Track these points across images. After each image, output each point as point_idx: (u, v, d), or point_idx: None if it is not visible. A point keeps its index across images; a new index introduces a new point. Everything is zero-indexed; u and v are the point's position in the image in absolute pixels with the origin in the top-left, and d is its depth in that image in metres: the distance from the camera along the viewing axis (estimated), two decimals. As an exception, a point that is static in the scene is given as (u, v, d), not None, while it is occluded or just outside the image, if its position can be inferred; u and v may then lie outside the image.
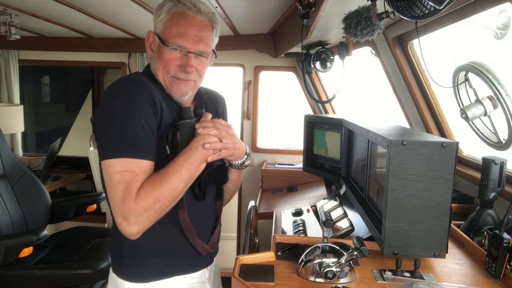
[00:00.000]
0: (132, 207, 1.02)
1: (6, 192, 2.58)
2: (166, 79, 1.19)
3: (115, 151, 1.05)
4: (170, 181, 1.06)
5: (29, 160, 3.60)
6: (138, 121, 1.07)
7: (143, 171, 1.06)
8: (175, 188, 1.06)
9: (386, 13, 1.29)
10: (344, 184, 1.89)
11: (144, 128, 1.08)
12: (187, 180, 1.10)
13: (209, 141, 1.14)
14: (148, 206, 1.03)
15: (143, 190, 1.03)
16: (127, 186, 1.03)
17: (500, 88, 1.30)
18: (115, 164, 1.05)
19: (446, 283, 1.14)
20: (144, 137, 1.08)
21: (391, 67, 2.04)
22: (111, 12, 2.47)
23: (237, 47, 3.24)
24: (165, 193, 1.05)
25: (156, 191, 1.04)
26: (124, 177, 1.03)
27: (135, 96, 1.10)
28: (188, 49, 1.16)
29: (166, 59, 1.16)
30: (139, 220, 1.03)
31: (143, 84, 1.13)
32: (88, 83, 4.87)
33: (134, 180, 1.04)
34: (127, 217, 1.02)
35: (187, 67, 1.16)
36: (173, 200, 1.08)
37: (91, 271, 2.24)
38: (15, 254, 2.25)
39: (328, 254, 1.16)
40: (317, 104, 3.35)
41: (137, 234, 1.06)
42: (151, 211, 1.04)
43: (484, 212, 1.42)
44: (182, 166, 1.08)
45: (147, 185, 1.04)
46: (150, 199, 1.03)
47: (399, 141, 1.12)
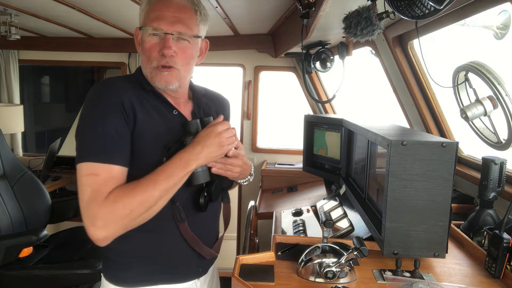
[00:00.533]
0: (98, 211, 0.99)
1: (6, 192, 2.58)
2: (151, 70, 1.13)
3: (83, 155, 1.04)
4: (144, 188, 1.02)
5: (29, 160, 3.60)
6: (105, 126, 1.04)
7: (111, 176, 1.03)
8: (149, 196, 1.02)
9: (386, 13, 1.29)
10: (344, 184, 1.89)
11: (111, 133, 1.04)
12: (164, 190, 1.04)
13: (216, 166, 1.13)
14: (116, 211, 0.99)
15: (113, 195, 1.00)
16: (94, 190, 1.00)
17: (500, 88, 1.30)
18: (83, 167, 1.03)
19: (446, 283, 1.14)
20: (110, 142, 1.04)
21: (391, 67, 2.04)
22: (111, 12, 2.46)
23: (237, 47, 3.24)
24: (137, 199, 1.01)
25: (127, 197, 1.00)
26: (90, 180, 1.01)
27: (103, 101, 1.07)
28: (165, 30, 1.10)
29: (146, 48, 1.12)
30: (107, 225, 0.99)
31: (115, 87, 1.10)
32: (88, 83, 4.87)
33: (101, 184, 1.01)
34: (93, 221, 0.99)
35: (164, 49, 1.10)
36: (147, 209, 1.03)
37: (91, 271, 2.24)
38: (15, 254, 2.25)
39: (328, 254, 1.16)
40: (317, 104, 3.35)
41: (104, 240, 1.01)
42: (120, 217, 1.00)
43: (484, 212, 1.42)
44: (160, 176, 1.04)
45: (118, 190, 1.02)
46: (119, 204, 0.99)
47: (399, 141, 1.12)
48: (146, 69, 1.15)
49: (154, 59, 1.12)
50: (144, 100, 1.14)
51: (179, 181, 1.07)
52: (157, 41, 1.11)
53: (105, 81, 1.15)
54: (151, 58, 1.12)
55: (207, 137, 1.09)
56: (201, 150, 1.08)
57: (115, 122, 1.06)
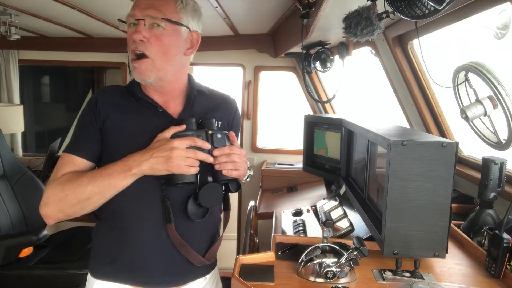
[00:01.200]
0: (48, 188, 1.12)
1: (6, 192, 2.58)
2: (132, 64, 1.11)
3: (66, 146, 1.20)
4: (80, 178, 1.09)
5: (29, 160, 3.60)
6: (79, 126, 1.19)
7: (70, 162, 1.15)
8: (81, 188, 1.07)
9: (386, 13, 1.28)
10: (344, 184, 1.89)
11: (82, 131, 1.18)
12: (97, 187, 1.06)
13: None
14: (55, 191, 1.10)
15: (62, 178, 1.12)
16: (55, 172, 1.14)
17: (500, 88, 1.30)
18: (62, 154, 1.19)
19: (446, 283, 1.14)
20: (79, 138, 1.18)
21: (391, 67, 2.04)
22: (111, 12, 2.46)
23: (237, 47, 3.24)
24: (72, 187, 1.08)
25: (68, 182, 1.09)
26: (58, 163, 1.16)
27: (86, 105, 1.21)
28: (137, 17, 1.07)
29: (127, 40, 1.12)
30: (48, 203, 1.11)
31: (97, 94, 1.22)
32: (88, 83, 4.87)
33: (60, 167, 1.14)
34: (43, 197, 1.13)
35: (134, 34, 1.06)
36: (78, 201, 1.08)
37: (91, 271, 2.23)
38: (15, 254, 2.25)
39: (328, 254, 1.16)
40: (317, 104, 3.35)
41: (46, 217, 1.13)
42: (57, 198, 1.09)
43: (484, 212, 1.42)
44: (100, 172, 1.08)
45: (68, 175, 1.12)
46: (60, 186, 1.10)
47: (399, 141, 1.12)
48: (131, 64, 1.13)
49: (130, 50, 1.10)
50: (124, 103, 1.19)
51: (117, 182, 1.06)
52: (133, 30, 1.09)
53: (100, 90, 1.27)
54: (129, 50, 1.11)
55: (159, 147, 1.04)
56: (148, 158, 1.03)
57: (87, 122, 1.17)
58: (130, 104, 1.19)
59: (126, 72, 3.59)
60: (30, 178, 2.69)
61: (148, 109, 1.18)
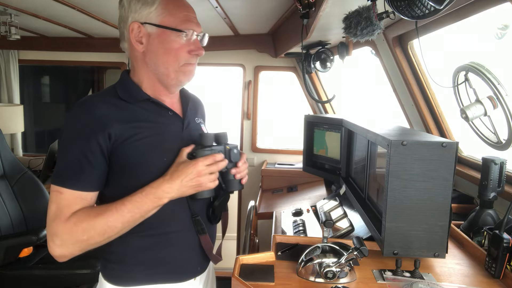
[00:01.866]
0: (58, 230, 1.01)
1: (6, 192, 2.58)
2: (176, 69, 1.12)
3: (54, 177, 1.05)
4: (106, 218, 1.02)
5: (29, 160, 3.60)
6: (72, 152, 1.04)
7: (75, 197, 1.03)
8: (109, 227, 1.02)
9: (386, 13, 1.28)
10: (344, 184, 1.89)
11: (79, 158, 1.03)
12: (127, 222, 1.04)
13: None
14: (74, 234, 1.01)
15: (75, 217, 1.01)
16: (58, 208, 1.02)
17: (500, 88, 1.30)
18: (52, 186, 1.05)
19: (446, 283, 1.14)
20: (76, 170, 1.04)
21: (391, 67, 2.04)
22: (111, 12, 2.46)
23: (237, 47, 3.24)
24: (97, 228, 1.01)
25: (88, 223, 1.01)
26: (56, 197, 1.03)
27: (76, 125, 1.06)
28: (197, 32, 1.13)
29: (175, 48, 1.10)
30: (63, 245, 1.02)
31: (92, 108, 1.07)
32: (88, 83, 4.87)
33: (65, 205, 1.02)
34: (52, 238, 1.02)
35: (201, 50, 1.14)
36: (105, 239, 1.04)
37: (91, 271, 2.24)
38: (15, 254, 2.25)
39: (328, 254, 1.16)
40: (317, 104, 3.36)
41: (62, 257, 1.04)
42: (77, 240, 1.02)
43: (484, 212, 1.42)
44: (127, 206, 1.03)
45: (82, 214, 1.02)
46: (79, 228, 1.01)
47: (399, 141, 1.12)
48: (169, 67, 1.12)
49: (182, 59, 1.12)
50: (129, 113, 1.10)
51: (148, 214, 1.06)
52: (185, 42, 1.11)
53: (81, 103, 1.09)
54: (179, 58, 1.12)
55: (188, 174, 1.05)
56: (178, 187, 1.05)
57: (84, 146, 1.04)
58: (136, 113, 1.11)
59: (126, 72, 3.59)
60: (30, 178, 2.69)
61: (156, 113, 1.15)
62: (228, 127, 3.95)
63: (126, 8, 1.11)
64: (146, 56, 1.12)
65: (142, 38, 1.11)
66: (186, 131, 1.19)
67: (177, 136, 1.16)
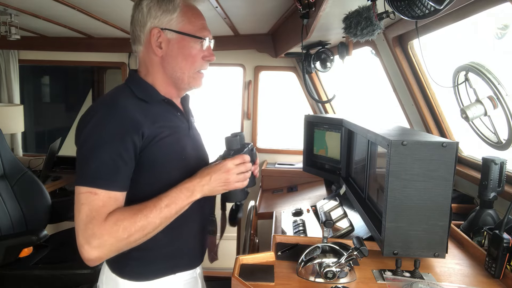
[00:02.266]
0: (97, 231, 0.99)
1: (6, 192, 2.58)
2: (191, 74, 1.20)
3: (82, 178, 1.03)
4: (146, 214, 1.04)
5: (29, 160, 3.60)
6: (110, 150, 1.03)
7: (109, 197, 1.03)
8: (149, 223, 1.04)
9: (386, 13, 1.28)
10: (344, 184, 1.89)
11: (113, 158, 1.03)
12: (165, 218, 1.07)
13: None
14: (114, 234, 1.00)
15: (114, 217, 1.01)
16: (92, 210, 1.00)
17: (500, 88, 1.30)
18: (80, 188, 1.02)
19: (446, 283, 1.14)
20: (110, 170, 1.03)
21: (391, 67, 2.04)
22: (111, 12, 2.46)
23: (237, 47, 3.24)
24: (138, 225, 1.02)
25: (128, 221, 1.01)
26: (88, 199, 1.01)
27: (111, 122, 1.06)
28: (210, 39, 1.21)
29: (194, 54, 1.18)
30: (102, 246, 0.99)
31: (122, 108, 1.08)
32: (88, 83, 4.87)
33: (100, 205, 1.01)
34: (89, 240, 0.98)
35: (213, 56, 1.22)
36: (145, 235, 1.05)
37: (91, 271, 2.23)
38: (15, 254, 2.25)
39: (328, 254, 1.16)
40: (317, 104, 3.36)
41: (96, 260, 1.01)
42: (118, 239, 1.01)
43: (484, 212, 1.42)
44: (163, 203, 1.06)
45: (119, 213, 1.02)
46: (119, 227, 1.00)
47: (399, 141, 1.12)
48: (186, 72, 1.19)
49: (198, 65, 1.20)
50: (152, 113, 1.14)
51: (181, 209, 1.10)
52: (200, 48, 1.19)
53: (110, 104, 1.11)
54: (195, 64, 1.19)
55: (217, 171, 1.12)
56: (208, 182, 1.11)
57: (120, 146, 1.04)
58: (156, 112, 1.15)
59: (126, 72, 3.59)
60: (30, 178, 2.69)
61: (170, 113, 1.22)
62: (228, 127, 3.96)
63: (145, 13, 1.15)
64: (164, 60, 1.17)
65: (162, 43, 1.16)
66: (191, 131, 1.28)
67: (187, 135, 1.24)
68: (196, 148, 1.28)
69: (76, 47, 3.46)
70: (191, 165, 1.19)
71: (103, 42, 3.41)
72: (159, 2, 1.15)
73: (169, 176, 1.13)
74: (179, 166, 1.16)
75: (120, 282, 1.19)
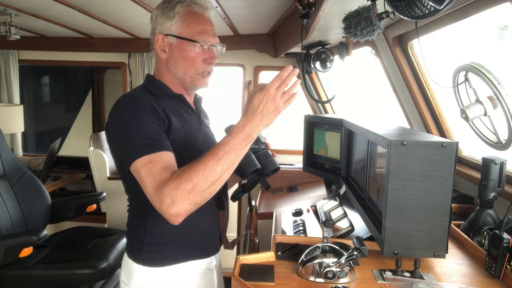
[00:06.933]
0: (164, 190, 1.03)
1: (6, 192, 2.58)
2: (192, 75, 1.29)
3: (134, 154, 1.10)
4: (204, 162, 1.04)
5: (29, 160, 3.60)
6: (146, 125, 1.14)
7: (164, 160, 1.10)
8: (210, 170, 1.04)
9: (386, 13, 1.29)
10: (344, 184, 1.89)
11: (154, 127, 1.15)
12: (225, 163, 1.06)
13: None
14: (180, 187, 1.02)
15: (176, 174, 1.05)
16: (155, 175, 1.06)
17: (500, 88, 1.30)
18: (137, 163, 1.09)
19: (446, 283, 1.14)
20: (155, 137, 1.13)
21: (391, 67, 2.04)
22: (111, 12, 2.47)
23: (237, 47, 3.24)
24: (199, 174, 1.03)
25: (189, 173, 1.03)
26: (148, 169, 1.07)
27: (140, 107, 1.17)
28: (211, 43, 1.28)
29: (192, 56, 1.26)
30: (175, 201, 1.02)
31: (143, 98, 1.21)
32: (88, 83, 4.87)
33: (160, 170, 1.07)
34: (162, 200, 1.03)
35: (214, 59, 1.29)
36: (211, 183, 1.05)
37: (91, 271, 2.24)
38: (15, 254, 2.25)
39: (328, 254, 1.16)
40: (317, 104, 3.36)
41: (177, 216, 1.04)
42: (185, 191, 1.02)
43: (484, 212, 1.42)
44: (220, 150, 1.06)
45: (180, 169, 1.06)
46: (182, 179, 1.03)
47: (399, 141, 1.12)
48: (186, 73, 1.29)
49: (199, 67, 1.28)
50: (169, 107, 1.25)
51: (241, 152, 1.08)
52: (201, 51, 1.27)
53: (131, 94, 1.24)
54: (196, 66, 1.28)
55: (264, 104, 1.06)
56: (261, 119, 1.07)
57: (154, 121, 1.16)
58: (168, 106, 1.25)
59: (126, 72, 3.59)
60: (30, 178, 2.69)
61: (181, 108, 1.32)
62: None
63: (154, 21, 1.30)
64: (168, 62, 1.30)
65: (166, 47, 1.28)
66: (202, 127, 1.37)
67: (198, 129, 1.34)
68: (208, 143, 1.34)
69: (76, 47, 3.46)
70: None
71: (103, 42, 3.42)
72: (163, 10, 1.27)
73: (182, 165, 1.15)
74: (190, 155, 1.16)
75: (135, 267, 1.28)
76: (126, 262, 1.32)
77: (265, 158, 1.34)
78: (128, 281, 1.29)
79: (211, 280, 1.38)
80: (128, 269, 1.30)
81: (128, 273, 1.30)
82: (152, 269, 1.26)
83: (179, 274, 1.29)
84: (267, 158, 1.35)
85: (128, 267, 1.30)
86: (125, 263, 1.33)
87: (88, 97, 4.85)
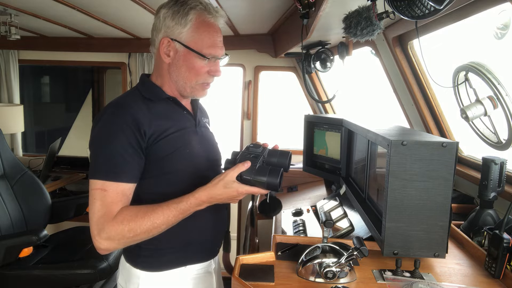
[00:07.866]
0: (106, 226, 1.09)
1: (6, 192, 2.58)
2: (193, 85, 1.25)
3: (94, 172, 1.13)
4: (152, 219, 1.10)
5: (29, 160, 3.60)
6: (113, 146, 1.12)
7: (118, 192, 1.11)
8: (155, 227, 1.11)
9: (386, 13, 1.28)
10: (344, 184, 1.89)
11: (119, 154, 1.12)
12: (171, 223, 1.13)
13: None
14: (121, 232, 1.09)
15: (122, 216, 1.09)
16: (104, 205, 1.10)
17: (500, 88, 1.30)
18: (93, 183, 1.12)
19: (446, 283, 1.14)
20: (118, 163, 1.12)
21: (391, 67, 2.04)
22: (111, 12, 2.47)
23: (237, 47, 3.24)
24: (143, 228, 1.10)
25: (134, 223, 1.09)
26: (100, 194, 1.10)
27: (115, 121, 1.14)
28: (218, 56, 1.26)
29: (197, 67, 1.23)
30: (110, 240, 1.09)
31: (126, 108, 1.17)
32: (88, 83, 4.88)
33: (110, 201, 1.10)
34: (99, 232, 1.09)
35: (218, 73, 1.27)
36: (150, 236, 1.13)
37: (91, 271, 2.24)
38: (15, 254, 2.25)
39: (328, 254, 1.16)
40: (317, 104, 3.36)
41: (105, 250, 1.11)
42: (123, 237, 1.10)
43: (484, 212, 1.42)
44: (171, 212, 1.11)
45: (128, 213, 1.10)
46: (126, 227, 1.09)
47: (399, 141, 1.12)
48: (187, 83, 1.25)
49: (201, 78, 1.25)
50: (158, 111, 1.22)
51: (189, 214, 1.15)
52: (207, 63, 1.24)
53: (114, 105, 1.20)
54: (199, 76, 1.25)
55: (229, 195, 1.13)
56: (219, 199, 1.14)
57: (127, 140, 1.13)
58: (161, 110, 1.23)
59: (126, 72, 3.59)
60: (30, 178, 2.69)
61: (175, 111, 1.28)
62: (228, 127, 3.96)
63: (161, 21, 1.22)
64: (170, 67, 1.25)
65: (170, 52, 1.23)
66: (198, 128, 1.33)
67: (193, 131, 1.30)
68: (204, 144, 1.33)
69: (76, 47, 3.46)
70: (198, 159, 1.26)
71: (103, 42, 3.42)
72: (174, 13, 1.20)
73: (175, 168, 1.20)
74: (185, 158, 1.21)
75: (133, 272, 1.27)
76: (124, 266, 1.31)
77: (283, 158, 1.25)
78: (126, 285, 1.28)
79: (210, 283, 1.37)
80: (125, 273, 1.29)
81: (125, 277, 1.29)
82: (150, 274, 1.26)
83: (177, 278, 1.28)
84: (284, 157, 1.25)
85: (126, 271, 1.29)
86: (122, 266, 1.32)
87: (88, 97, 4.85)
